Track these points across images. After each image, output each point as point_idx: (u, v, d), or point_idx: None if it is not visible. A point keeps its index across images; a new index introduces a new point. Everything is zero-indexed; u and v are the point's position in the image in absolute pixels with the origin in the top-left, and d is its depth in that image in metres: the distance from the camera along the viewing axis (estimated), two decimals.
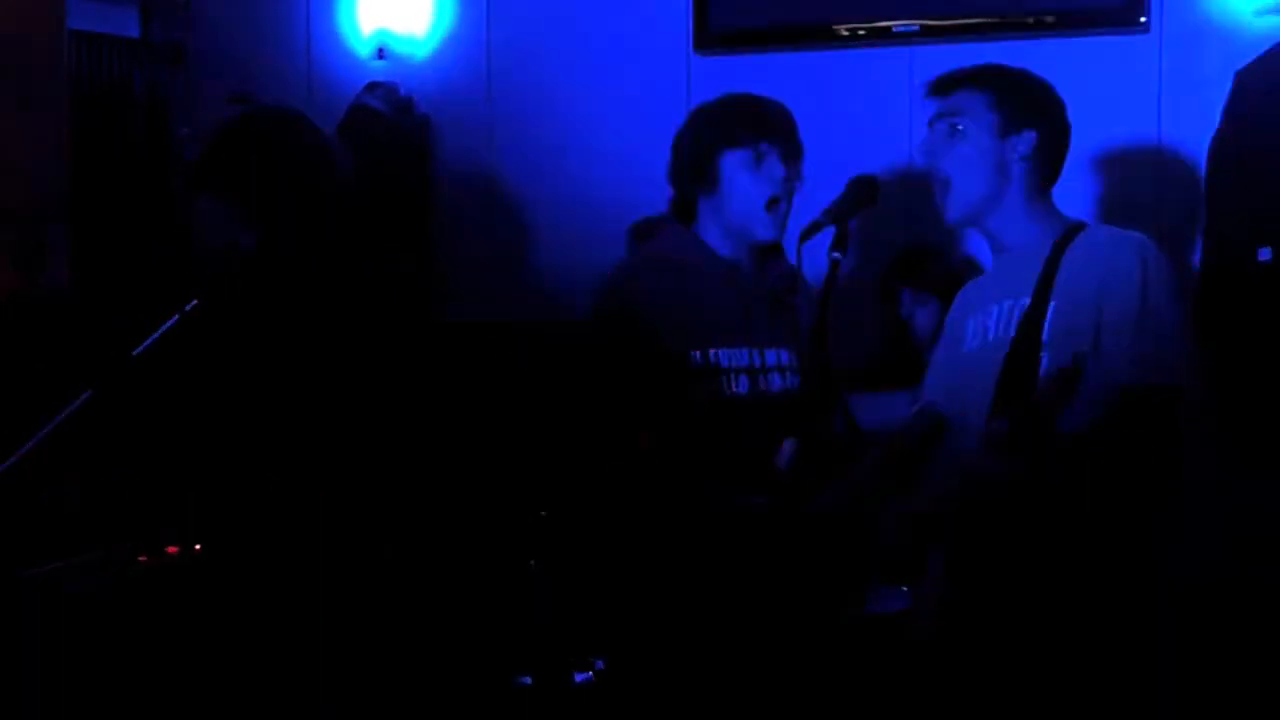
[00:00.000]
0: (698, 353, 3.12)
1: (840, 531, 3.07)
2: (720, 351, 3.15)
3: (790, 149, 3.20)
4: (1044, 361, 2.78)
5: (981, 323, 2.97)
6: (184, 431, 3.10)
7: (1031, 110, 2.95)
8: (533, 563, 2.92)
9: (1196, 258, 4.28)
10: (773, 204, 3.17)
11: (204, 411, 3.12)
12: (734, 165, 3.16)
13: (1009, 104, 2.93)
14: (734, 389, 3.15)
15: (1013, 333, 2.85)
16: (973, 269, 3.55)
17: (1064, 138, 2.99)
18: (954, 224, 3.00)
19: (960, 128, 2.93)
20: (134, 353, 2.80)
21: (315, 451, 3.07)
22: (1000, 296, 2.94)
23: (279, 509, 2.99)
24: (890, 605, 3.28)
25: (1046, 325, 2.80)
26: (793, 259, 2.96)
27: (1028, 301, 2.84)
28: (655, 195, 3.42)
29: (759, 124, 3.18)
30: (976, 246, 4.40)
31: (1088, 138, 4.27)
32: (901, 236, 4.53)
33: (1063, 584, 2.73)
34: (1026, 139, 2.92)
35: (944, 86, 3.00)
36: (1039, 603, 2.72)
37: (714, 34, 4.96)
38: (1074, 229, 2.92)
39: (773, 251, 3.30)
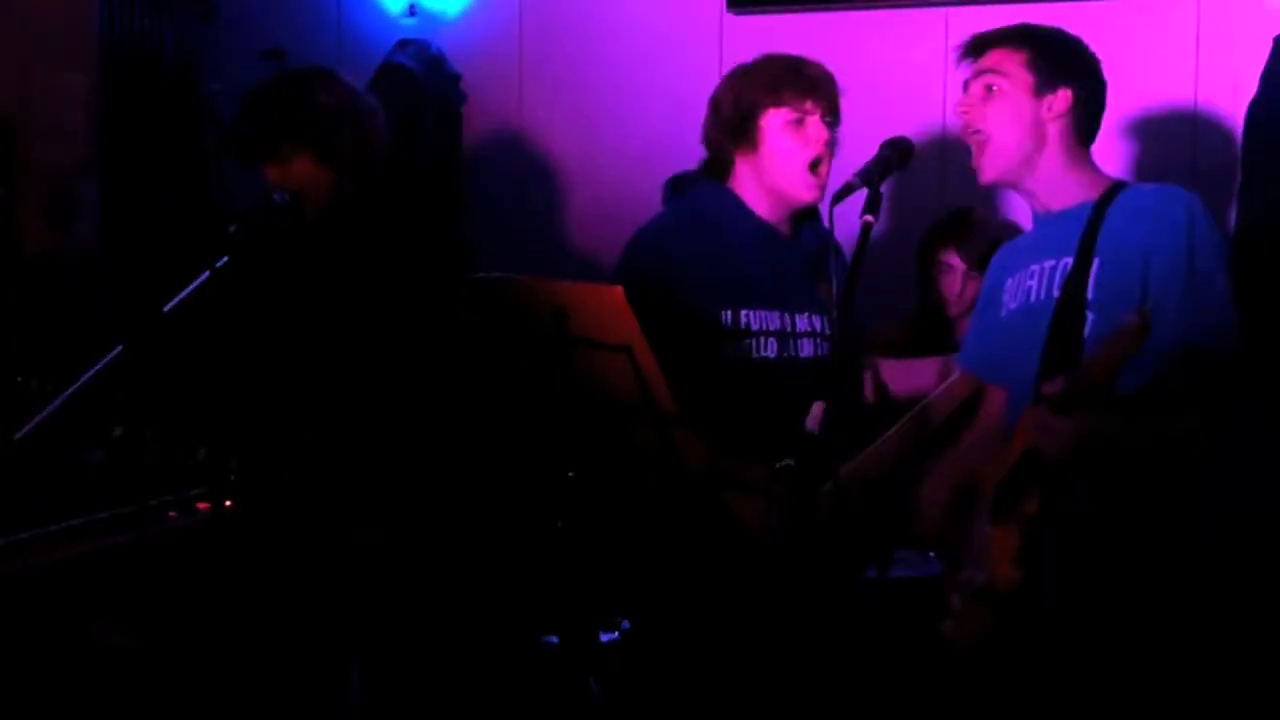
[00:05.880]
0: (727, 313, 3.11)
1: (868, 495, 3.06)
2: (750, 313, 3.13)
3: (833, 111, 3.18)
4: (1089, 321, 2.76)
5: (1022, 284, 2.94)
6: (215, 387, 3.11)
7: (1068, 68, 2.93)
8: (559, 523, 2.91)
9: (1232, 221, 4.25)
10: (815, 165, 3.15)
11: (234, 367, 3.12)
12: (777, 126, 3.14)
13: (1045, 62, 2.91)
14: (762, 352, 3.13)
15: (1056, 293, 2.82)
16: (1015, 232, 3.51)
17: (1100, 96, 2.97)
18: (990, 183, 2.98)
19: (996, 87, 2.92)
20: (165, 309, 2.81)
21: (347, 407, 3.07)
22: (1041, 257, 2.91)
23: (312, 463, 3.00)
24: (917, 570, 3.27)
25: (1090, 284, 2.78)
26: (825, 221, 2.94)
27: (1070, 261, 2.82)
28: (687, 154, 3.39)
29: (805, 84, 3.15)
30: (1017, 210, 4.38)
31: (1124, 100, 4.24)
32: (935, 200, 4.50)
33: (1113, 563, 2.70)
34: (1063, 97, 2.90)
35: (978, 47, 2.98)
36: (1091, 583, 2.69)
37: None
38: (1116, 186, 2.90)
39: (808, 216, 3.28)
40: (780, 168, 3.15)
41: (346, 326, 3.15)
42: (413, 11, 5.32)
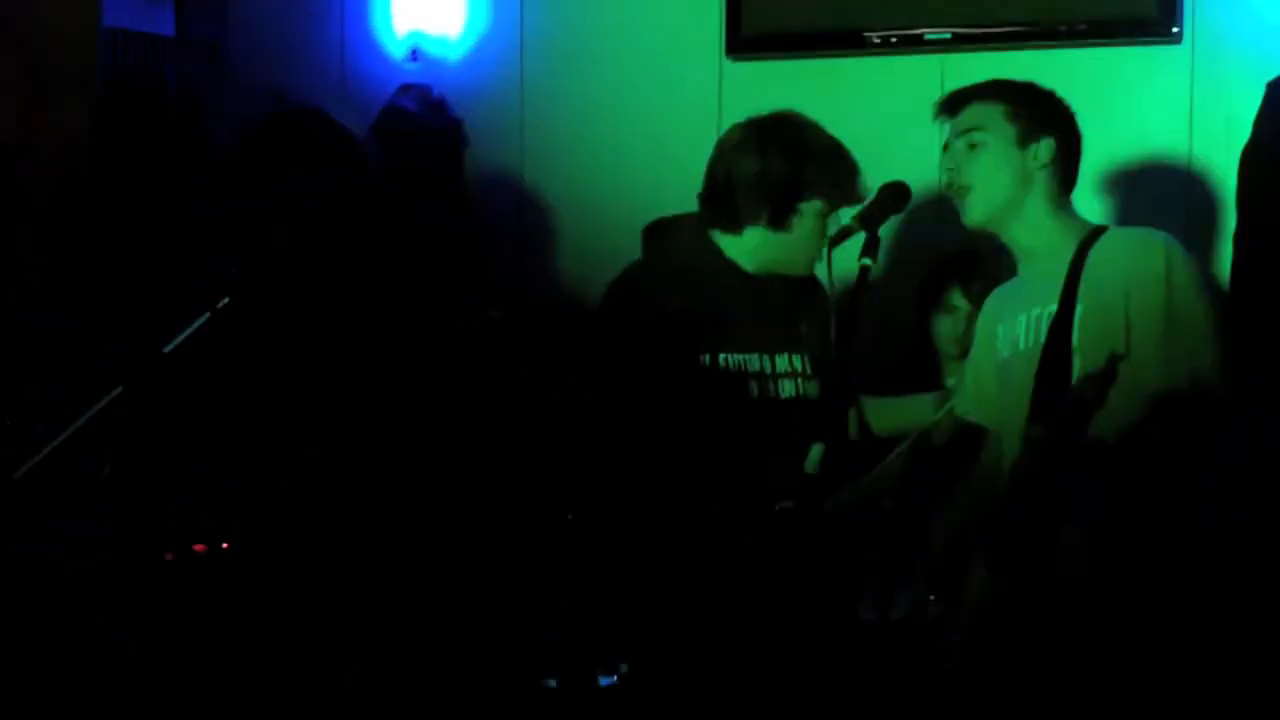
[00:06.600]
0: (705, 357, 3.12)
1: (864, 533, 3.07)
2: (729, 357, 3.14)
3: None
4: (1075, 366, 2.79)
5: (1011, 331, 2.97)
6: (215, 428, 3.11)
7: (1047, 118, 2.99)
8: (559, 565, 2.93)
9: (1227, 267, 4.26)
10: (829, 248, 3.17)
11: (236, 407, 3.13)
12: (812, 212, 3.16)
13: (1025, 113, 2.97)
14: (743, 395, 3.14)
15: (1043, 340, 2.85)
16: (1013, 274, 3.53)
17: (1078, 144, 3.03)
18: (974, 227, 3.01)
19: (980, 142, 2.95)
20: (165, 349, 2.82)
21: (344, 446, 3.08)
22: (1028, 304, 2.94)
23: (308, 505, 3.01)
24: (916, 614, 3.27)
25: (1075, 330, 2.81)
26: (824, 264, 2.96)
27: (1055, 308, 2.85)
28: (686, 197, 3.41)
29: (853, 183, 3.18)
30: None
31: (1118, 147, 4.27)
32: (931, 243, 4.51)
33: (1101, 596, 2.72)
34: (1046, 146, 2.96)
35: (953, 105, 3.02)
36: (1078, 618, 2.71)
37: (746, 39, 4.94)
38: (1096, 231, 2.93)
39: None
40: (798, 247, 3.17)
41: (346, 338, 3.17)
42: (415, 56, 5.35)
